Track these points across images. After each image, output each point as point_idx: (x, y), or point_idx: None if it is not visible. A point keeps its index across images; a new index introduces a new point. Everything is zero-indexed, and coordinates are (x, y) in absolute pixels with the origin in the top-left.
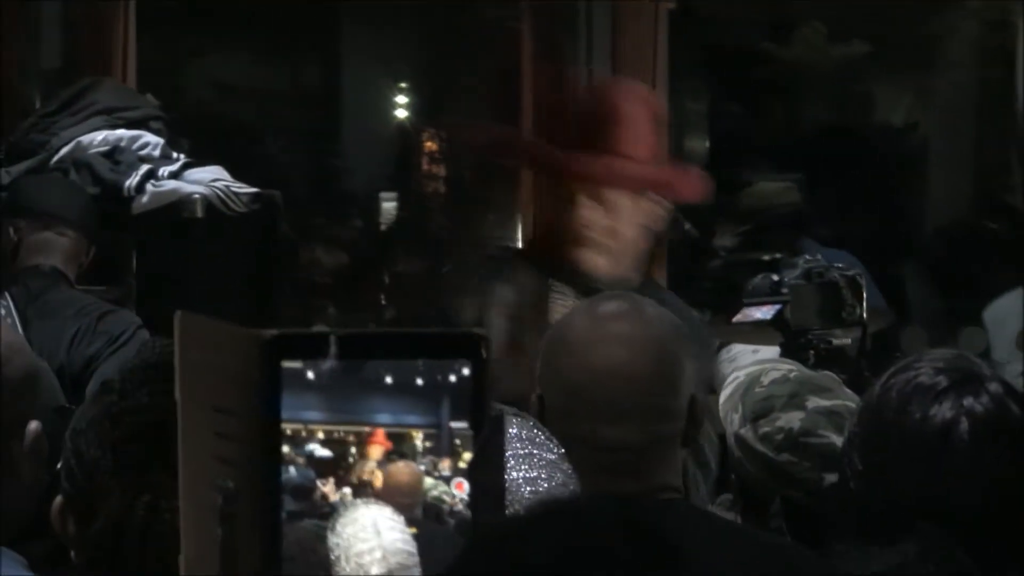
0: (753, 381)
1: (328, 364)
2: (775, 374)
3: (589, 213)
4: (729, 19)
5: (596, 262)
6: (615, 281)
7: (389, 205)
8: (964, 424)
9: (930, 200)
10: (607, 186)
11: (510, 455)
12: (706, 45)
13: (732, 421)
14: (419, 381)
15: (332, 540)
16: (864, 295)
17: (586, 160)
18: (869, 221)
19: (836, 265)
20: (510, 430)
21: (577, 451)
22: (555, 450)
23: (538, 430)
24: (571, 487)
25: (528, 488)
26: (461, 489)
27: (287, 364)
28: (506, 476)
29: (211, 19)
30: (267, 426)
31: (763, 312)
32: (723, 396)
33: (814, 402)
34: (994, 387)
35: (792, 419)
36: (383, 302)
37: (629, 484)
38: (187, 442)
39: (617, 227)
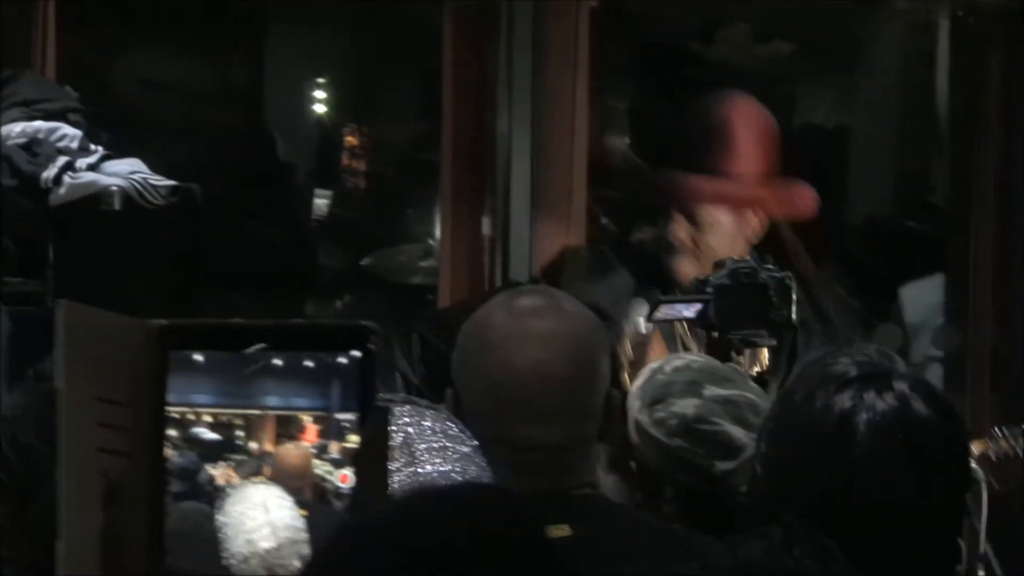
0: (658, 368)
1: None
2: (678, 362)
3: (680, 229)
4: (655, 18)
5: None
6: None
7: (321, 202)
8: (862, 417)
9: (851, 200)
10: (709, 204)
11: (424, 448)
12: (632, 44)
13: (633, 407)
14: (309, 364)
15: (221, 520)
16: (794, 297)
17: (691, 182)
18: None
19: (767, 267)
20: (423, 423)
21: (496, 450)
22: (468, 443)
23: (451, 423)
24: (485, 480)
25: (442, 481)
26: (345, 481)
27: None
28: (419, 469)
29: (137, 15)
30: (154, 415)
31: (684, 310)
32: (636, 384)
33: (711, 390)
34: (901, 385)
35: (687, 405)
36: (301, 296)
37: (547, 482)
38: (69, 431)
39: (709, 240)
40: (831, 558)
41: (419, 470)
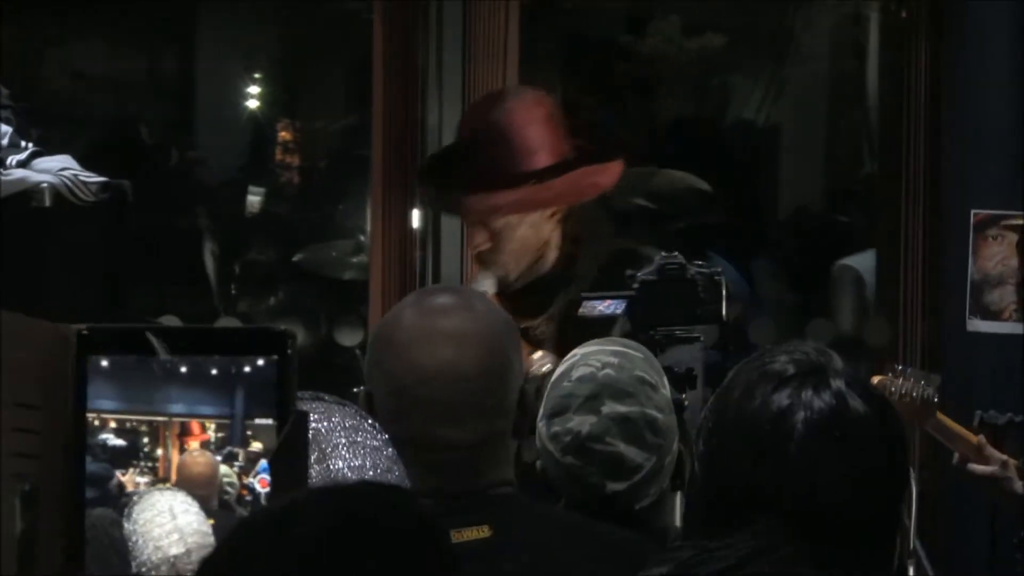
0: (564, 373)
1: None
2: (584, 370)
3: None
4: (586, 11)
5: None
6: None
7: (255, 199)
8: (799, 415)
9: (781, 192)
10: (495, 215)
11: (334, 444)
12: (562, 37)
13: (539, 413)
14: (213, 371)
15: (128, 527)
16: (724, 294)
17: (472, 200)
18: (720, 214)
19: (696, 263)
20: (332, 419)
21: (408, 451)
22: (379, 437)
23: (361, 418)
24: (396, 472)
25: (354, 476)
26: (264, 486)
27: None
28: (330, 465)
29: (69, 8)
30: (74, 419)
31: (607, 306)
32: (552, 377)
33: (610, 407)
34: (838, 383)
35: (584, 422)
36: (233, 292)
37: (461, 482)
38: None
39: (500, 243)
40: (801, 570)
41: (331, 465)
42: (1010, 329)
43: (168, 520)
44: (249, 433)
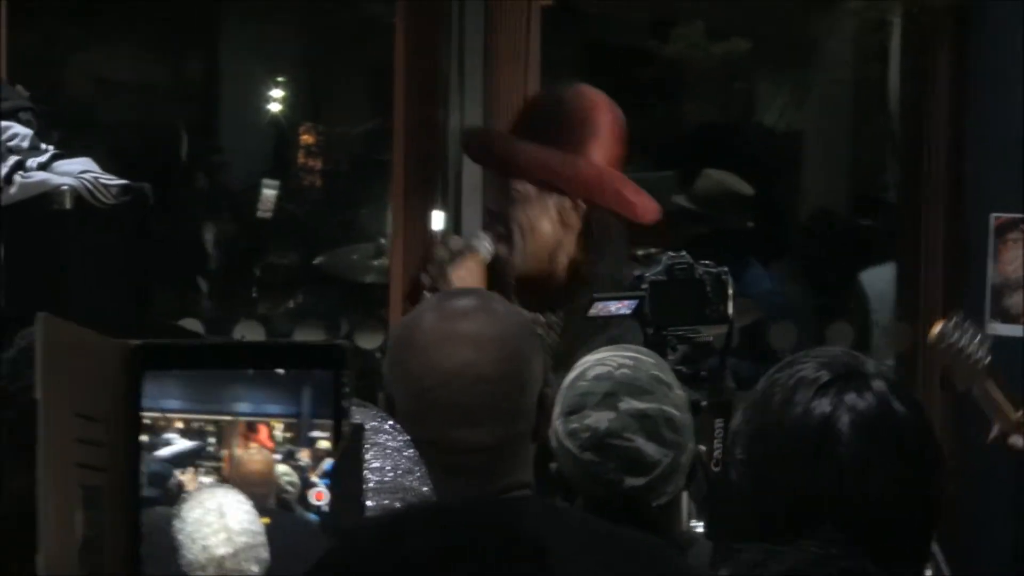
0: (580, 374)
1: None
2: (600, 369)
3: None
4: (609, 16)
5: (508, 255)
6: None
7: (270, 192)
8: (845, 419)
9: (805, 197)
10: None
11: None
12: (585, 42)
13: (554, 411)
14: (280, 370)
15: (178, 525)
16: (731, 293)
17: (524, 150)
18: (745, 217)
19: (703, 263)
20: (355, 419)
21: (428, 453)
22: (399, 438)
23: (382, 419)
24: (416, 474)
25: (374, 477)
26: (320, 499)
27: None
28: None
29: (90, 13)
30: (129, 430)
31: (619, 306)
32: (565, 381)
33: (628, 403)
34: (878, 384)
35: (601, 419)
36: (254, 295)
37: (481, 485)
38: (47, 445)
39: (529, 221)
40: (868, 574)
41: None
42: None
43: (216, 519)
44: (316, 433)
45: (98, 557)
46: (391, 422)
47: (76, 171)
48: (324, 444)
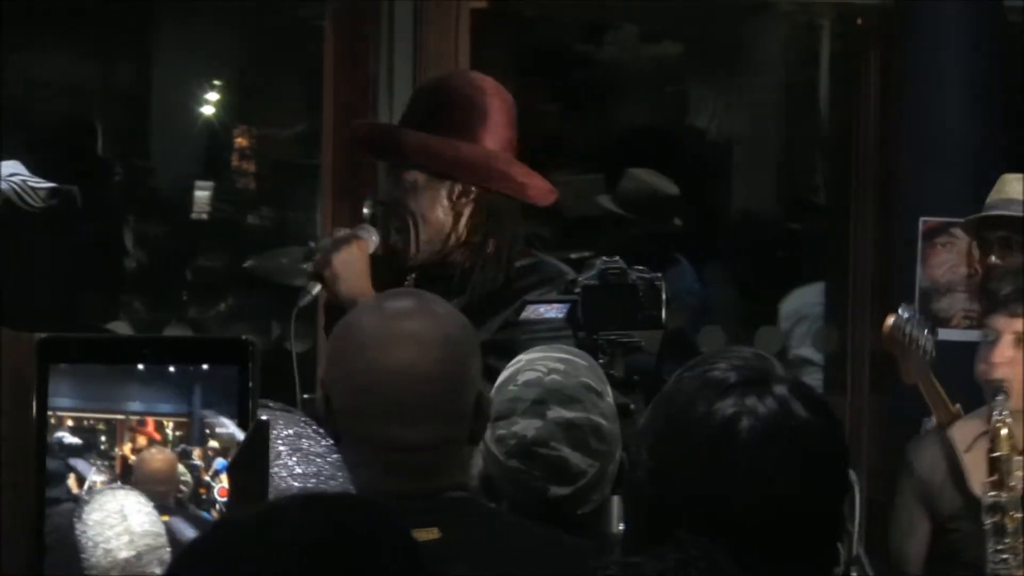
0: (511, 377)
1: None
2: (531, 374)
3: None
4: (543, 19)
5: (403, 246)
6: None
7: (203, 194)
8: (744, 422)
9: (735, 200)
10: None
11: (281, 451)
12: (519, 45)
13: None
14: (171, 369)
15: (79, 528)
16: (664, 299)
17: (411, 137)
18: (674, 221)
19: (636, 268)
20: (274, 428)
21: (366, 451)
22: (323, 443)
23: (304, 424)
24: (340, 479)
25: (298, 484)
26: (224, 495)
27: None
28: (277, 473)
29: (26, 16)
30: (36, 424)
31: (550, 310)
32: (497, 382)
33: (556, 412)
34: (780, 388)
35: (529, 427)
36: (184, 298)
37: (418, 484)
38: None
39: (421, 209)
40: None
41: (273, 474)
42: (960, 336)
43: (119, 522)
44: (207, 431)
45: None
46: (314, 427)
47: (5, 174)
48: (215, 443)
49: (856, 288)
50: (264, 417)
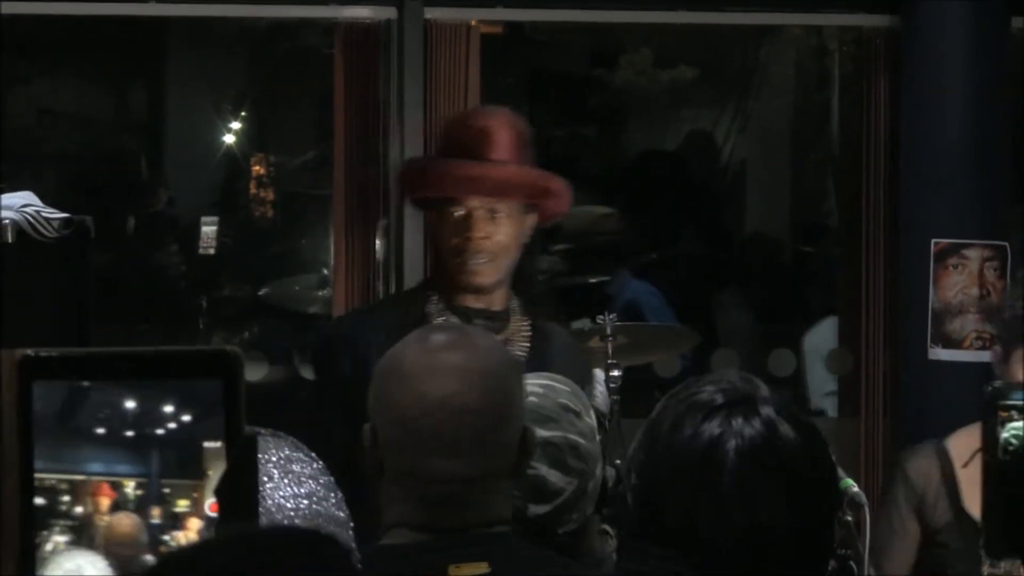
0: None
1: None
2: None
3: (477, 223)
4: (556, 44)
5: (482, 271)
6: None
7: (209, 229)
8: (730, 444)
9: (748, 224)
10: (500, 192)
11: (273, 473)
12: (532, 70)
13: None
14: (129, 432)
15: None
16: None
17: (481, 168)
18: (689, 245)
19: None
20: (264, 454)
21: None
22: (314, 465)
23: (295, 448)
24: (332, 499)
25: (290, 505)
26: (214, 510)
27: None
28: (269, 497)
29: (37, 45)
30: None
31: None
32: None
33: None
34: (767, 410)
35: None
36: (200, 327)
37: (458, 517)
38: None
39: (501, 237)
40: None
41: (269, 494)
42: (971, 357)
43: None
44: (167, 491)
45: None
46: (305, 450)
47: (18, 205)
48: (183, 503)
49: (868, 310)
50: (251, 434)
